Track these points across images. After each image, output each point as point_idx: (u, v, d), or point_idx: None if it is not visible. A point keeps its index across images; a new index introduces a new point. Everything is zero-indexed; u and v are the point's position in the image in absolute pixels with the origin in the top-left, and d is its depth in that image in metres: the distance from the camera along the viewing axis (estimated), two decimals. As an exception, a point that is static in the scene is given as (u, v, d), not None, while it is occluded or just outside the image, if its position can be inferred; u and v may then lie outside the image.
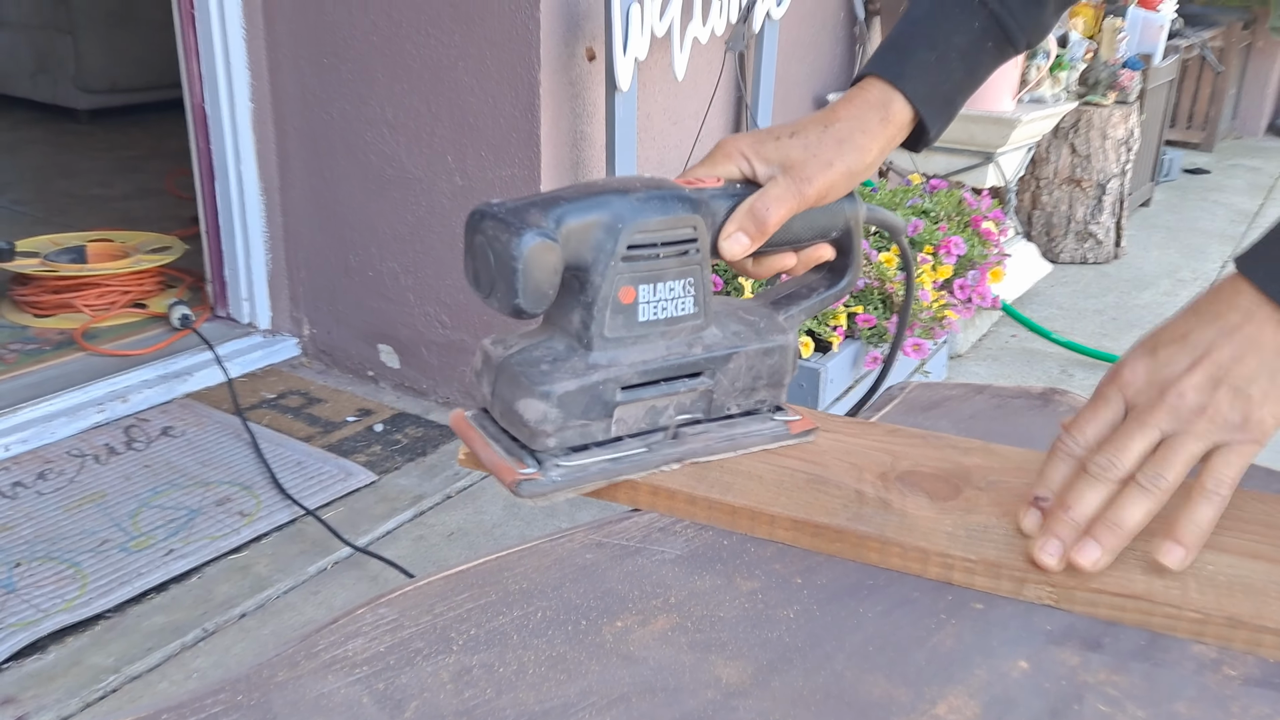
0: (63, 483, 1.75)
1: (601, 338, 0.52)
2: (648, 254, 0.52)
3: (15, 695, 1.29)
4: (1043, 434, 0.68)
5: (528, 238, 0.48)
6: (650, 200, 0.52)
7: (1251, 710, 0.44)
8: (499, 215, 0.49)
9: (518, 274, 0.48)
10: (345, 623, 0.47)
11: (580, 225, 0.50)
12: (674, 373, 0.54)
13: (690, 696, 0.43)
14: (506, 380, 0.52)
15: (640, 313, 0.53)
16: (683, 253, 0.53)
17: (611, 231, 0.51)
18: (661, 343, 0.54)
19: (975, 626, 0.48)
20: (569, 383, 0.50)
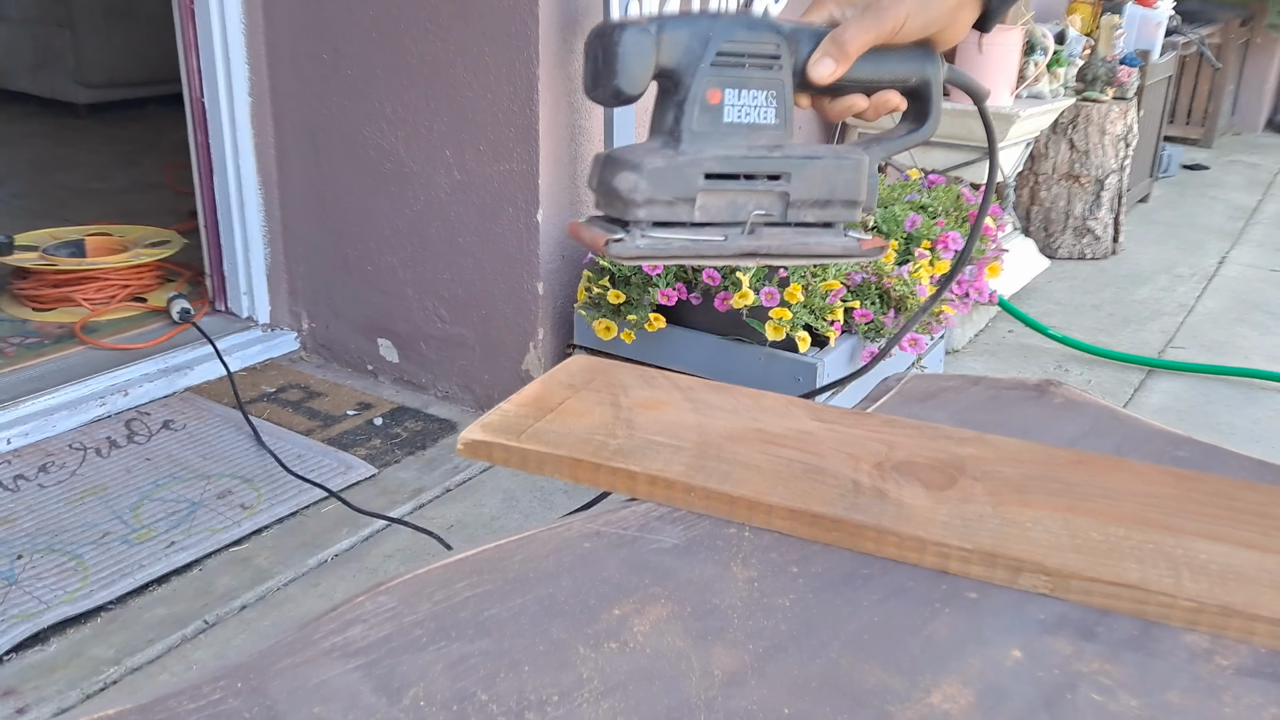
0: (64, 475, 1.76)
1: (690, 131, 0.59)
2: (733, 62, 0.59)
3: (16, 687, 1.30)
4: (1039, 425, 0.69)
5: (629, 30, 0.57)
6: (741, 19, 0.60)
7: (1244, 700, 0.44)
8: (610, 23, 0.59)
9: (617, 58, 0.57)
10: (345, 610, 0.47)
11: (675, 31, 0.58)
12: (753, 169, 0.61)
13: (687, 684, 0.43)
14: (609, 166, 0.59)
15: (725, 114, 0.60)
16: (766, 67, 0.60)
17: (701, 39, 0.58)
18: (743, 143, 0.61)
19: (969, 615, 0.49)
20: (657, 160, 0.58)
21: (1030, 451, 0.62)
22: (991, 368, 2.40)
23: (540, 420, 0.64)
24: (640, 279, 1.75)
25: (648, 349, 1.84)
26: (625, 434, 0.62)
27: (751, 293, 1.65)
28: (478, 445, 0.62)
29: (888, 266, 1.78)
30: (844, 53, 0.62)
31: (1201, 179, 4.53)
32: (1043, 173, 3.22)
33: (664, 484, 0.57)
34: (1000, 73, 2.33)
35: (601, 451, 0.60)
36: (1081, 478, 0.59)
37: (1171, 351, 2.54)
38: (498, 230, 1.93)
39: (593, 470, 0.59)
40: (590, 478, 0.59)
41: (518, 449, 0.61)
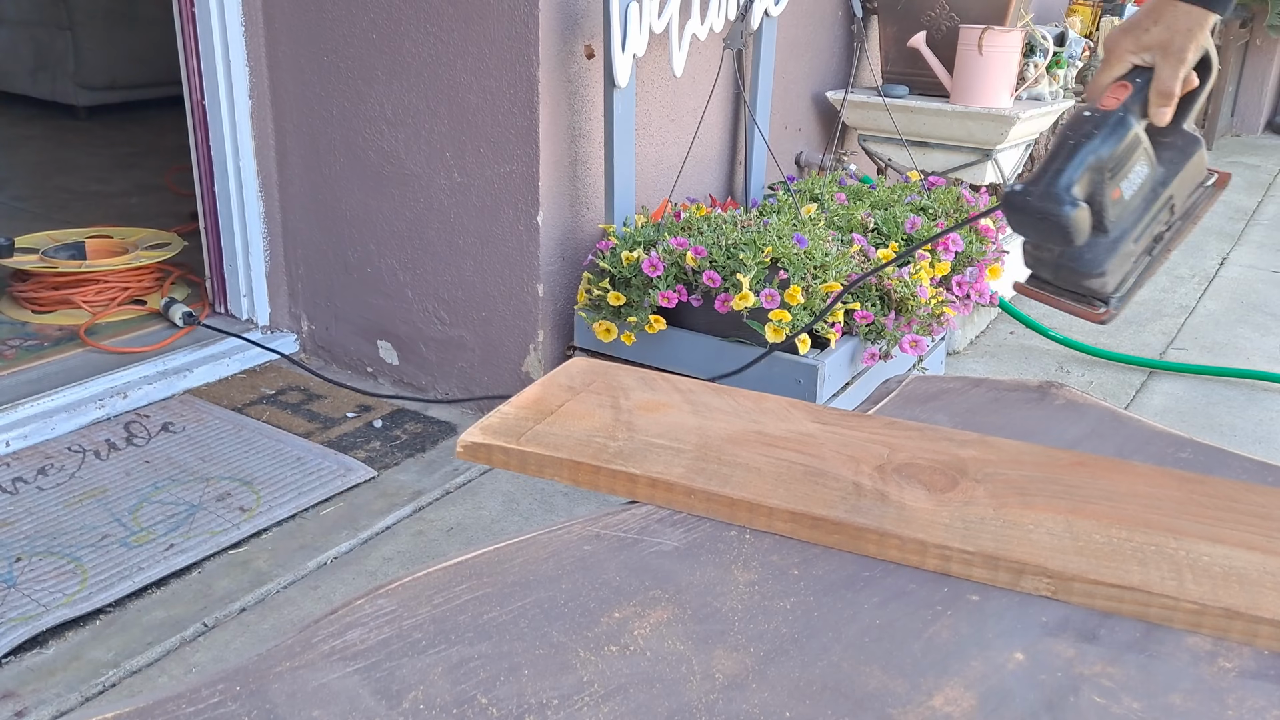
0: (63, 478, 1.75)
1: (1113, 222, 0.77)
2: (1117, 167, 0.77)
3: (15, 690, 1.30)
4: (1040, 427, 0.68)
5: (1072, 213, 0.73)
6: (1107, 138, 0.76)
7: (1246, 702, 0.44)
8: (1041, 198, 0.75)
9: (1072, 233, 0.73)
10: (344, 613, 0.47)
11: (1085, 184, 0.75)
12: (1155, 211, 0.79)
13: (688, 687, 0.43)
14: (1072, 275, 0.77)
15: (1125, 195, 0.78)
16: (1133, 150, 0.78)
17: (1098, 170, 0.75)
18: (1141, 202, 0.78)
19: (971, 618, 0.49)
20: (1111, 259, 0.77)
21: (1032, 454, 0.62)
22: (993, 369, 2.40)
23: (540, 423, 0.63)
24: (640, 281, 1.75)
25: (648, 351, 1.84)
26: (625, 436, 0.62)
27: (752, 294, 1.65)
28: (477, 448, 0.62)
29: (887, 268, 1.77)
30: (1173, 97, 0.80)
31: (1201, 180, 4.53)
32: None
33: (664, 486, 0.57)
34: (1000, 75, 2.33)
35: (601, 454, 0.59)
36: (1083, 480, 0.59)
37: (1172, 353, 2.53)
38: (498, 232, 1.93)
39: (593, 473, 0.58)
40: (590, 480, 0.59)
41: (517, 451, 0.60)
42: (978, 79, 2.33)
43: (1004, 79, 2.35)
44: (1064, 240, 0.73)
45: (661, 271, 1.72)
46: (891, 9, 2.49)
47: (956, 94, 2.37)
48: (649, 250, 1.76)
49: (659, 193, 2.12)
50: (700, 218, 1.91)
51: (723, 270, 1.70)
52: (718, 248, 1.73)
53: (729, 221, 1.86)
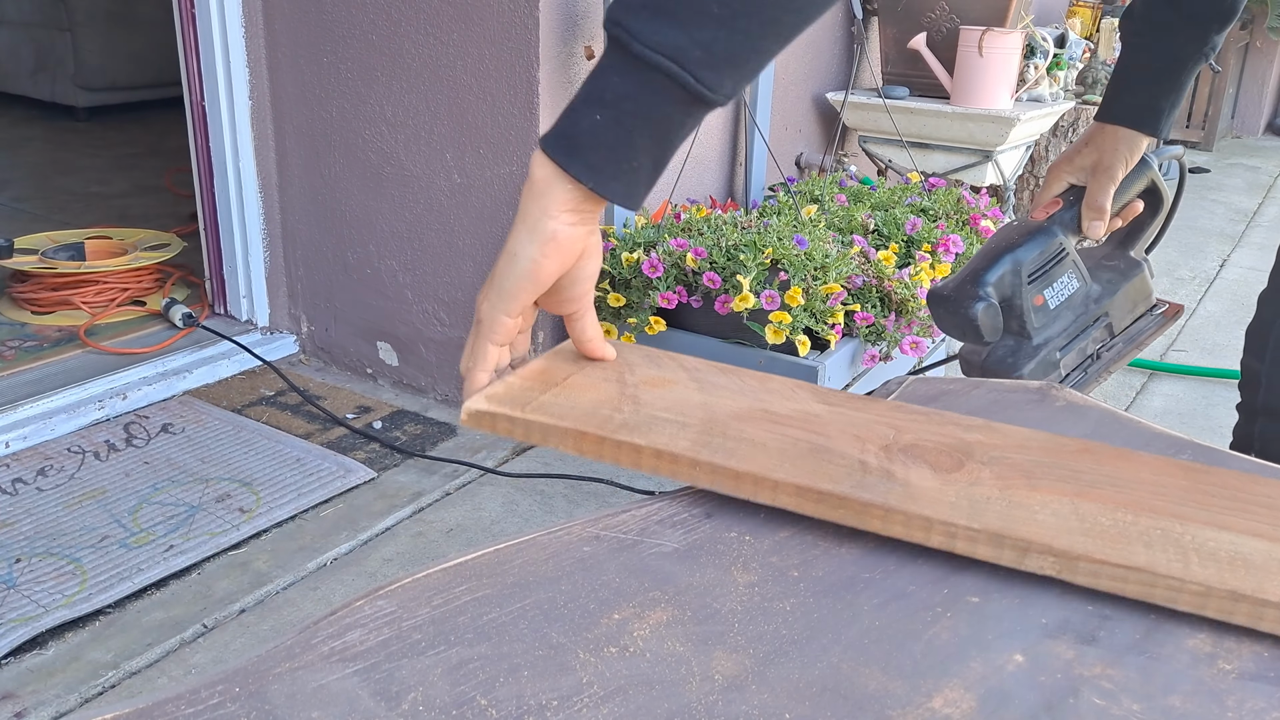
0: (63, 479, 1.75)
1: (1034, 329, 0.79)
2: (1040, 273, 0.79)
3: (14, 691, 1.29)
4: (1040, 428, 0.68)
5: (978, 308, 0.77)
6: (1028, 243, 0.79)
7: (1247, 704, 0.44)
8: (951, 295, 0.78)
9: (980, 328, 0.77)
10: (343, 615, 0.47)
11: (1000, 284, 0.78)
12: (1084, 326, 0.81)
13: (687, 689, 0.43)
14: (991, 374, 0.78)
15: (1050, 304, 0.80)
16: (1060, 259, 0.81)
17: (1015, 274, 0.79)
18: (1069, 313, 0.80)
19: (971, 620, 0.49)
20: (1030, 364, 0.78)
21: (1038, 440, 0.62)
22: (992, 371, 2.39)
23: (545, 393, 0.63)
24: (640, 282, 1.75)
25: (648, 352, 1.84)
26: (631, 409, 0.61)
27: (752, 296, 1.65)
28: (482, 415, 0.62)
29: (889, 269, 1.78)
30: (1103, 211, 0.83)
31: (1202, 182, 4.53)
32: (1043, 176, 3.22)
33: (669, 458, 0.57)
34: (1000, 76, 2.33)
35: (607, 425, 0.59)
36: (1088, 466, 0.59)
37: (1173, 354, 2.53)
38: (498, 233, 1.93)
39: (597, 443, 0.58)
40: (595, 450, 0.59)
41: (522, 420, 0.60)
42: (978, 80, 2.33)
43: (1004, 80, 2.35)
44: (974, 335, 0.76)
45: (661, 273, 1.72)
46: (892, 10, 2.49)
47: (957, 95, 2.37)
48: (649, 251, 1.76)
49: (659, 194, 2.12)
50: (700, 219, 1.91)
51: (723, 272, 1.70)
52: (718, 249, 1.73)
53: (729, 223, 1.86)
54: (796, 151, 2.56)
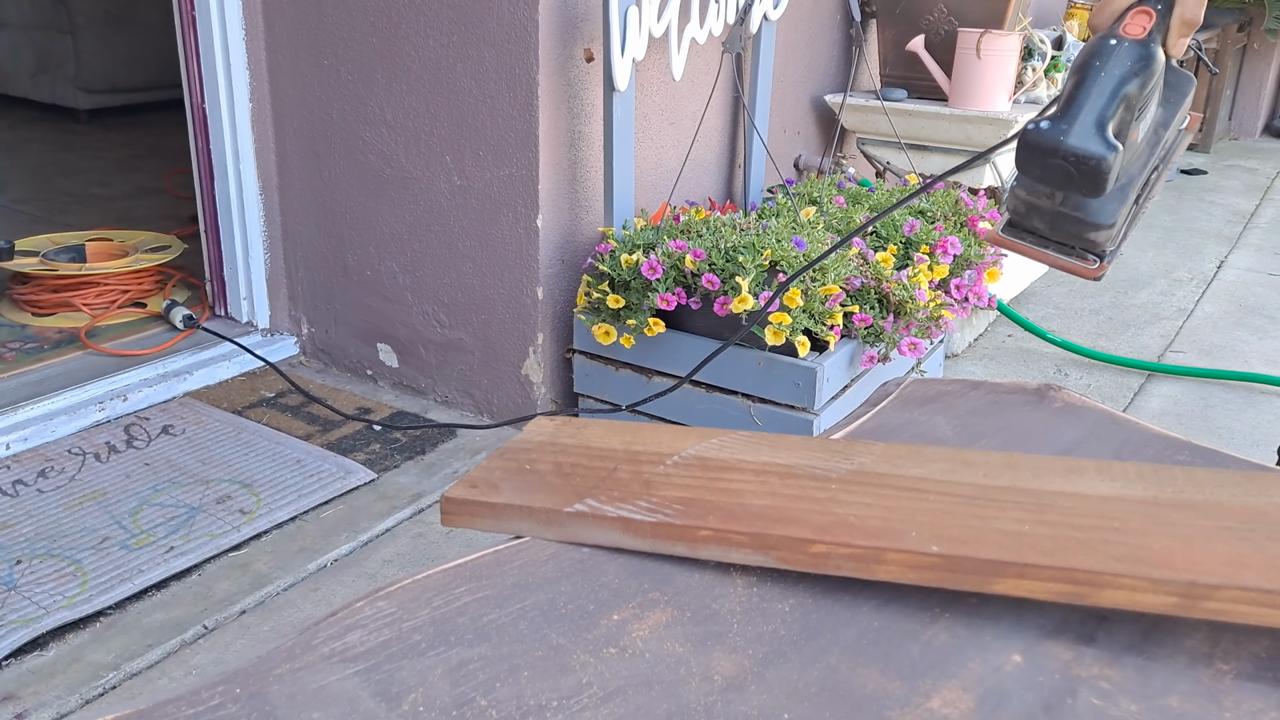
0: (63, 480, 1.76)
1: (1125, 168, 0.67)
2: (1144, 102, 0.67)
3: (15, 692, 1.30)
4: (1039, 429, 0.69)
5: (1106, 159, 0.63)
6: (1140, 70, 0.66)
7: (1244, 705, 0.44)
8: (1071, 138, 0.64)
9: (1104, 180, 0.63)
10: (344, 615, 0.47)
11: (1115, 117, 0.65)
12: (1150, 160, 0.70)
13: (686, 689, 0.43)
14: (1074, 224, 0.67)
15: (1139, 137, 0.68)
16: (1158, 86, 0.69)
17: (1129, 109, 0.65)
18: (1145, 146, 0.69)
19: (969, 621, 0.49)
20: (1121, 209, 0.67)
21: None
22: (991, 372, 2.40)
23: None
24: (640, 284, 1.75)
25: (647, 353, 1.84)
26: None
27: (751, 297, 1.65)
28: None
29: (887, 271, 1.78)
30: (1197, 25, 0.70)
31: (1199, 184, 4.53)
32: (1042, 177, 3.22)
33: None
34: (998, 78, 2.33)
35: None
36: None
37: (1170, 356, 2.54)
38: (497, 235, 1.93)
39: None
40: None
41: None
42: (976, 82, 2.33)
43: (1002, 82, 2.35)
44: (1093, 188, 0.63)
45: (661, 274, 1.73)
46: (890, 13, 2.49)
47: (955, 97, 2.38)
48: (648, 253, 1.76)
49: (658, 196, 2.12)
50: (699, 221, 1.91)
51: (722, 273, 1.71)
52: (717, 250, 1.73)
53: (728, 224, 1.86)
54: (795, 154, 2.56)
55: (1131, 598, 0.47)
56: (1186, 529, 0.52)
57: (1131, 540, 0.50)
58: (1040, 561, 0.48)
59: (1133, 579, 0.47)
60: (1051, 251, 0.68)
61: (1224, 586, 0.46)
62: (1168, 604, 0.47)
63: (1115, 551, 0.49)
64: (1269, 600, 0.46)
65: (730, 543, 0.53)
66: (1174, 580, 0.47)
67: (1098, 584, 0.48)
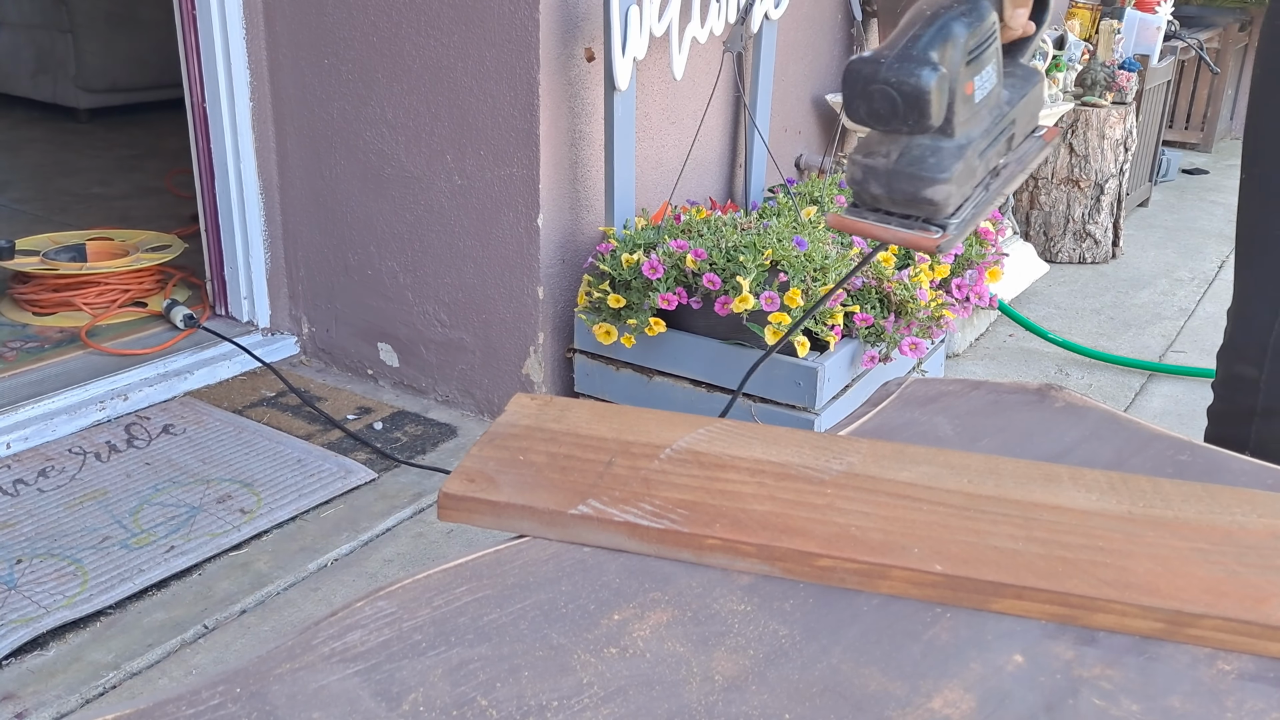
0: (64, 480, 1.76)
1: (960, 124, 0.64)
2: (976, 54, 0.65)
3: (15, 692, 1.30)
4: (1040, 430, 0.68)
5: (935, 76, 0.61)
6: (969, 13, 0.64)
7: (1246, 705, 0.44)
8: (891, 63, 0.62)
9: (930, 103, 0.61)
10: (344, 615, 0.47)
11: (944, 53, 0.62)
12: (999, 131, 0.68)
13: (687, 690, 0.43)
14: (905, 179, 0.63)
15: (976, 97, 0.66)
16: (992, 43, 0.66)
17: (960, 48, 0.63)
18: (987, 113, 0.67)
19: (971, 621, 0.49)
20: (958, 164, 0.63)
21: None
22: (992, 372, 2.40)
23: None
24: (640, 283, 1.75)
25: (648, 353, 1.84)
26: None
27: (751, 297, 1.65)
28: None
29: (888, 270, 1.78)
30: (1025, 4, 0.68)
31: (1201, 183, 4.53)
32: (1042, 177, 3.23)
33: None
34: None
35: None
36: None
37: (1172, 355, 2.54)
38: (498, 234, 1.93)
39: None
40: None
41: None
42: (978, 82, 2.33)
43: (1004, 82, 2.35)
44: (919, 114, 0.61)
45: (661, 274, 1.73)
46: (891, 12, 2.49)
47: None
48: (649, 253, 1.76)
49: (659, 195, 2.12)
50: (700, 220, 1.91)
51: (723, 273, 1.71)
52: (718, 250, 1.73)
53: (729, 224, 1.86)
54: (796, 153, 2.56)
55: (1121, 622, 0.50)
56: (1164, 550, 0.54)
57: (1117, 562, 0.53)
58: (1036, 584, 0.50)
59: (1123, 605, 0.50)
60: (893, 226, 0.65)
61: (1206, 616, 0.49)
62: (1154, 629, 0.50)
63: (1104, 575, 0.52)
64: (1246, 630, 0.49)
65: (737, 552, 0.53)
66: (1160, 608, 0.49)
67: (1090, 608, 0.50)
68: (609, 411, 0.66)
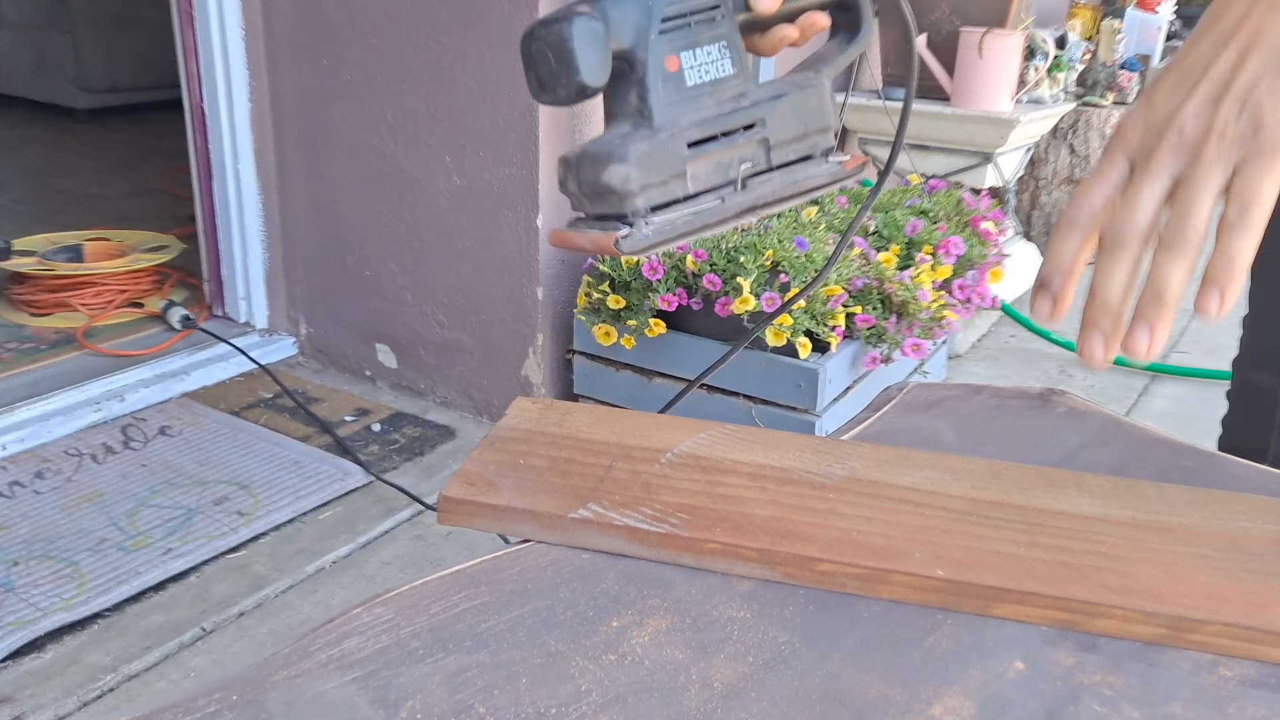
0: (60, 482, 1.75)
1: (659, 105, 0.57)
2: (680, 24, 0.58)
3: (12, 694, 1.29)
4: (1042, 434, 0.68)
5: (578, 21, 0.54)
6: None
7: (1248, 711, 0.44)
8: (546, 19, 0.55)
9: (574, 53, 0.54)
10: (341, 622, 0.47)
11: (619, 8, 0.56)
12: (729, 125, 0.60)
13: (686, 696, 0.43)
14: (588, 163, 0.57)
15: (687, 78, 0.58)
16: (711, 20, 0.59)
17: (644, 9, 0.57)
18: (711, 102, 0.59)
19: (971, 627, 0.48)
20: (641, 144, 0.56)
21: None
22: (994, 373, 2.39)
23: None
24: (640, 284, 1.75)
25: (647, 354, 1.84)
26: None
27: (752, 298, 1.65)
28: None
29: (889, 271, 1.77)
30: None
31: (1201, 184, 4.53)
32: (1043, 177, 3.22)
33: None
34: (1001, 77, 2.33)
35: None
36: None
37: (1175, 356, 2.53)
38: (497, 235, 1.93)
39: None
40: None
41: None
42: (978, 82, 2.33)
43: (1004, 82, 2.35)
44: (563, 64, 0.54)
45: (661, 275, 1.72)
46: (893, 13, 2.49)
47: (957, 97, 2.37)
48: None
49: (658, 196, 2.11)
50: (700, 221, 1.90)
51: (723, 273, 1.70)
52: (718, 251, 1.73)
53: (728, 225, 1.85)
54: (796, 153, 2.56)
55: (1123, 627, 0.49)
56: (1167, 556, 0.54)
57: (1119, 568, 0.52)
58: (1038, 590, 0.50)
59: (1125, 610, 0.49)
60: (584, 229, 0.59)
61: (1208, 622, 0.49)
62: (1157, 634, 0.49)
63: (1106, 580, 0.51)
64: (1248, 636, 0.49)
65: (738, 557, 0.53)
66: (1162, 614, 0.49)
67: (1092, 614, 0.50)
68: (611, 415, 0.66)
